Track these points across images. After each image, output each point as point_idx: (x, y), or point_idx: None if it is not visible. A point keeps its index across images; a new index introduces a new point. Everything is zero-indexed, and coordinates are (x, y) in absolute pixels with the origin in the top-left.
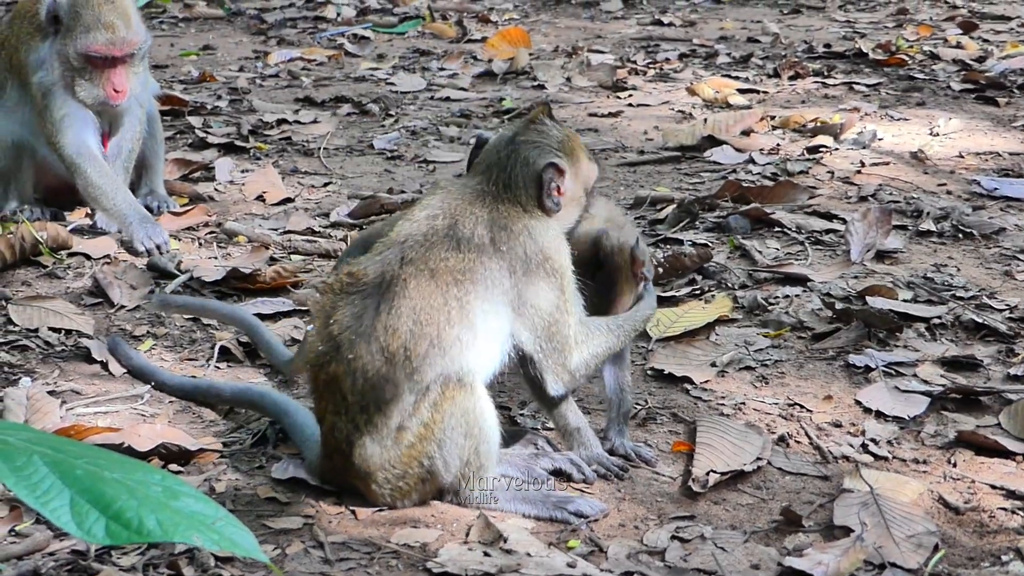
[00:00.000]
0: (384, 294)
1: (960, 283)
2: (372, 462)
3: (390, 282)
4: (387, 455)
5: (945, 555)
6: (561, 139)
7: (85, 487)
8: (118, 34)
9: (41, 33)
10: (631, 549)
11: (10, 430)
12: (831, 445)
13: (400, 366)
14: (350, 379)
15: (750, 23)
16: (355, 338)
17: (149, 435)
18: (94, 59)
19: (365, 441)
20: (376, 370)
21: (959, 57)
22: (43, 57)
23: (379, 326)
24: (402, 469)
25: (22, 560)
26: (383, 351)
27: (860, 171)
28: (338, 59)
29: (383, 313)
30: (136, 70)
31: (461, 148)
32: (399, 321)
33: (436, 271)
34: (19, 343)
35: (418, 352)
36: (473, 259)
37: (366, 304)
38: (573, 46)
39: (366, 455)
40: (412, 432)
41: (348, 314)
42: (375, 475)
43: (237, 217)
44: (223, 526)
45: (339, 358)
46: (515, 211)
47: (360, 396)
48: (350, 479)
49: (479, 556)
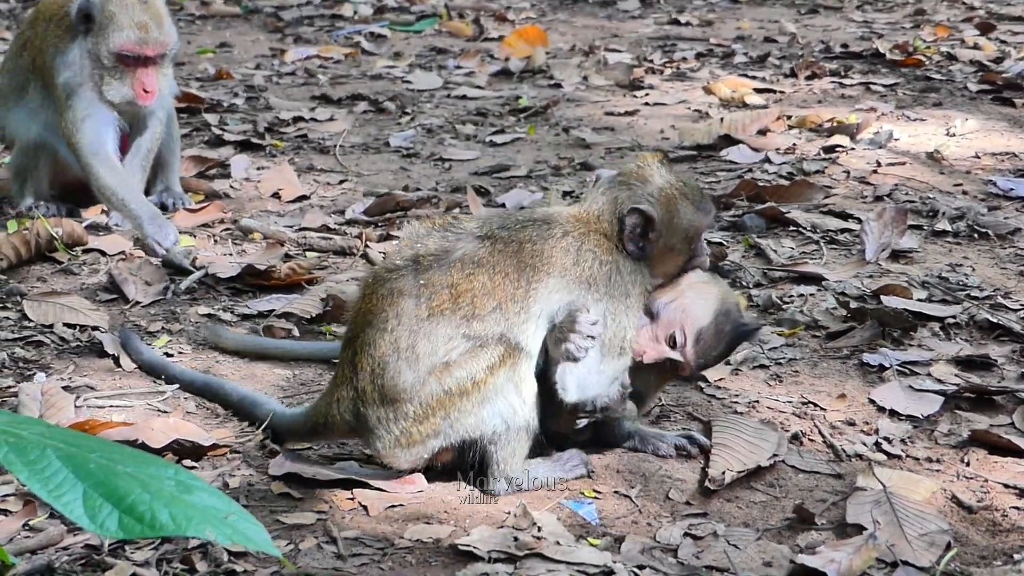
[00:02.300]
0: (473, 245)
1: (975, 283)
2: (400, 388)
3: (484, 236)
4: (419, 388)
5: (957, 554)
6: (662, 186)
7: (98, 481)
8: (151, 34)
9: (70, 33)
10: (644, 545)
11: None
12: (844, 443)
13: (464, 310)
14: (413, 301)
15: (767, 23)
16: (435, 266)
17: (163, 430)
18: (126, 58)
19: (401, 366)
20: (441, 304)
21: (976, 58)
22: (72, 57)
23: (457, 268)
24: (425, 411)
25: (36, 555)
26: (452, 289)
27: (876, 171)
28: (355, 57)
29: (466, 260)
30: (166, 71)
31: (477, 146)
32: (477, 271)
33: (522, 248)
34: (34, 339)
35: (485, 306)
36: (552, 252)
37: (455, 247)
38: (590, 45)
39: (398, 379)
40: (456, 378)
41: (437, 246)
42: (399, 405)
43: (252, 214)
44: (236, 521)
45: (411, 278)
46: (607, 243)
47: (414, 322)
48: (350, 411)
49: (508, 540)
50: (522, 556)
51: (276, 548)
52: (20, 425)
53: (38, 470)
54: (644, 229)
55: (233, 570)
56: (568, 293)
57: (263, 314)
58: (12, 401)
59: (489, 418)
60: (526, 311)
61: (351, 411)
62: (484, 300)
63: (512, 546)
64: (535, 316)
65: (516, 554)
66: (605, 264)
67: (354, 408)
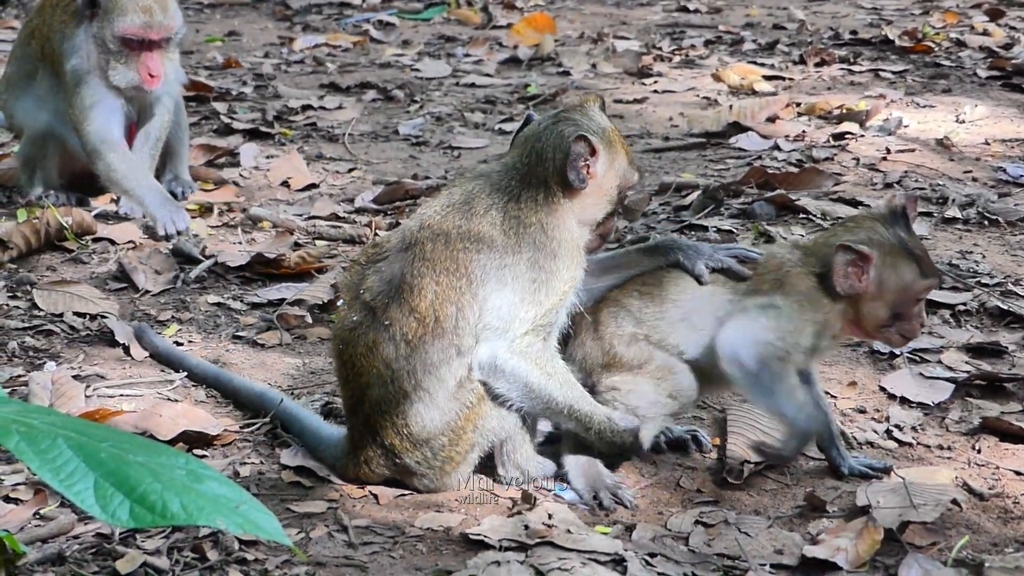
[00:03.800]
0: (402, 261)
1: (985, 270)
2: (431, 428)
3: (407, 247)
4: (446, 417)
5: (969, 541)
6: (604, 127)
7: (109, 470)
8: (155, 18)
9: (76, 18)
10: (655, 533)
11: (35, 413)
12: (856, 431)
13: (433, 327)
14: (391, 346)
15: (776, 9)
16: (388, 301)
17: (172, 417)
18: (131, 42)
19: (419, 409)
20: (414, 332)
21: (985, 44)
22: (78, 43)
23: (406, 292)
24: (457, 434)
25: (47, 543)
26: (414, 313)
27: (886, 158)
28: (363, 45)
29: (407, 280)
30: (172, 56)
31: (486, 134)
32: (423, 284)
33: (450, 237)
34: (44, 327)
35: (446, 314)
36: (485, 232)
37: (391, 273)
38: (598, 32)
39: (424, 422)
40: (468, 390)
41: (377, 281)
42: (432, 442)
43: (262, 202)
44: (247, 510)
45: (376, 325)
46: (533, 202)
47: (405, 361)
48: (385, 466)
49: (519, 529)
50: (533, 544)
51: (287, 537)
52: (31, 415)
53: (49, 459)
54: (587, 161)
55: (244, 558)
56: (500, 265)
57: (273, 303)
58: (22, 390)
59: (508, 413)
60: (477, 301)
61: (386, 466)
62: (444, 308)
63: (523, 534)
64: (482, 301)
65: (527, 542)
66: (531, 227)
67: (389, 462)
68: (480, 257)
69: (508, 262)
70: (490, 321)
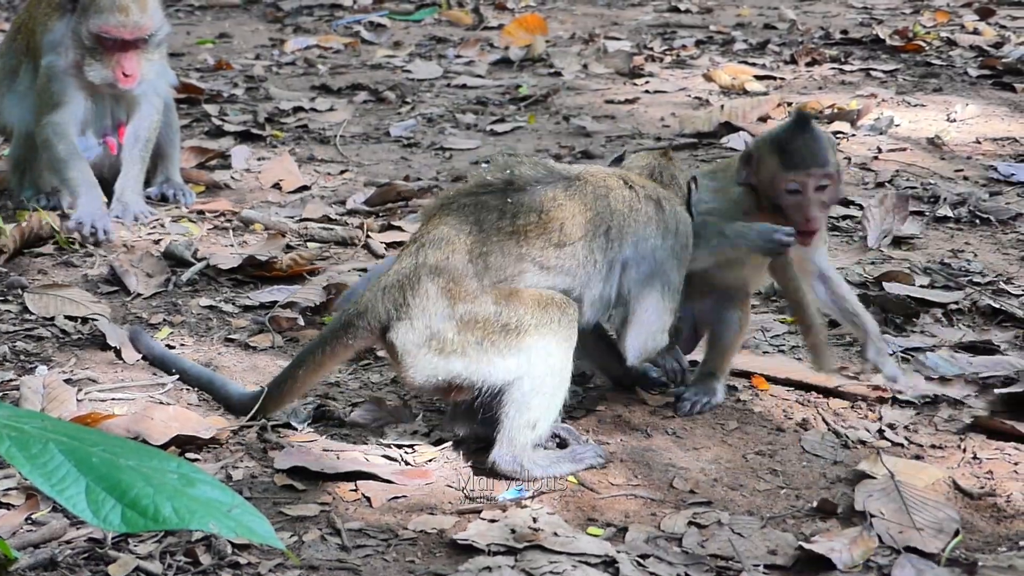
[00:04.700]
0: (564, 183)
1: (977, 268)
2: (458, 286)
3: (575, 177)
4: (475, 296)
5: (963, 540)
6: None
7: (101, 475)
8: (131, 17)
9: (59, 12)
10: (648, 534)
11: (26, 418)
12: (848, 430)
13: (549, 236)
14: (497, 215)
15: (767, 9)
16: (527, 189)
17: (164, 420)
18: (105, 40)
19: (468, 268)
20: (527, 225)
21: (976, 43)
22: (58, 37)
23: (549, 197)
24: (468, 322)
25: (39, 548)
26: (542, 214)
27: (877, 157)
28: (354, 47)
29: (559, 192)
30: (150, 56)
31: (478, 135)
32: (568, 202)
33: (609, 195)
34: (35, 331)
35: (573, 235)
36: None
37: (548, 178)
38: (590, 33)
39: (460, 278)
40: (511, 308)
41: (531, 173)
42: (449, 302)
43: (253, 205)
44: (240, 513)
45: (500, 197)
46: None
47: (495, 233)
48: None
49: (505, 533)
50: (522, 548)
51: (280, 540)
52: (22, 419)
53: (40, 464)
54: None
55: (237, 562)
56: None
57: (265, 305)
58: (14, 394)
59: (516, 369)
60: (604, 256)
61: (396, 299)
62: (572, 229)
63: (510, 538)
64: (606, 264)
65: (515, 546)
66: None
67: (401, 296)
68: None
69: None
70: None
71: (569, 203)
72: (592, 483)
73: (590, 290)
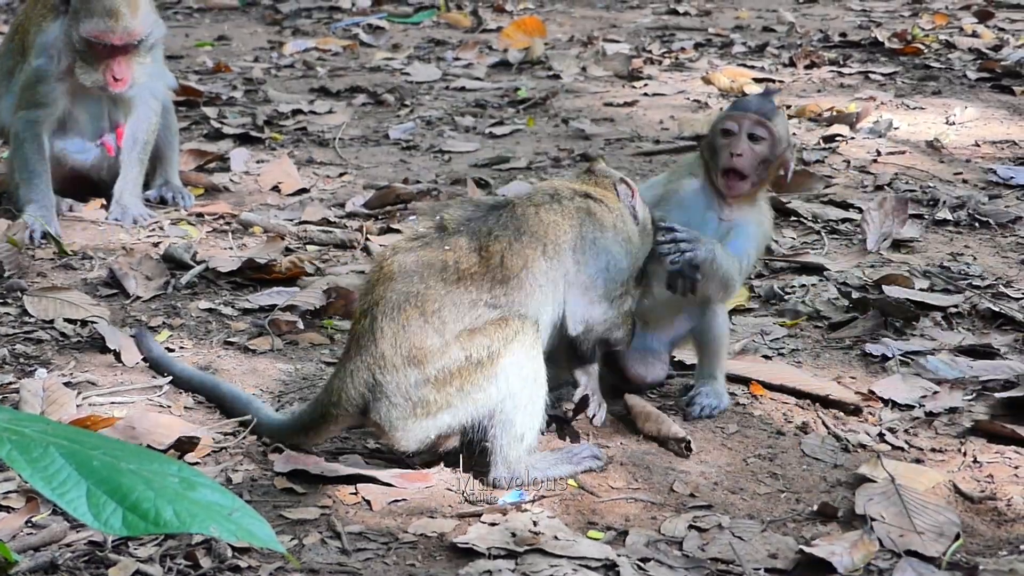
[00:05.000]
0: (493, 216)
1: (976, 272)
2: (425, 349)
3: (500, 205)
4: (443, 352)
5: (963, 544)
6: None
7: (102, 478)
8: (121, 23)
9: (53, 13)
10: (649, 538)
11: (26, 421)
12: (848, 434)
13: (492, 273)
14: (440, 266)
15: (765, 12)
16: (461, 230)
17: (164, 424)
18: (95, 45)
19: (427, 329)
20: (470, 268)
21: (975, 46)
22: (50, 39)
23: (483, 232)
24: (445, 378)
25: (39, 551)
26: (481, 252)
27: (876, 160)
28: (353, 49)
29: (490, 226)
30: (142, 60)
31: (476, 138)
32: (502, 233)
33: (537, 215)
34: (35, 334)
35: (514, 267)
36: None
37: (476, 215)
38: (588, 35)
39: (424, 340)
40: (476, 345)
41: (460, 213)
42: (422, 367)
43: (252, 207)
44: (240, 517)
45: (438, 244)
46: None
47: (441, 286)
48: (364, 384)
49: (506, 536)
50: (522, 552)
51: (280, 544)
52: (23, 423)
53: (41, 468)
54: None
55: (237, 566)
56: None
57: (264, 308)
58: (13, 397)
59: (497, 394)
60: (547, 278)
61: (367, 381)
62: (512, 261)
63: (511, 542)
64: (551, 284)
65: (516, 550)
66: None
67: (371, 377)
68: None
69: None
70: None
71: (503, 233)
72: (592, 486)
73: (543, 315)
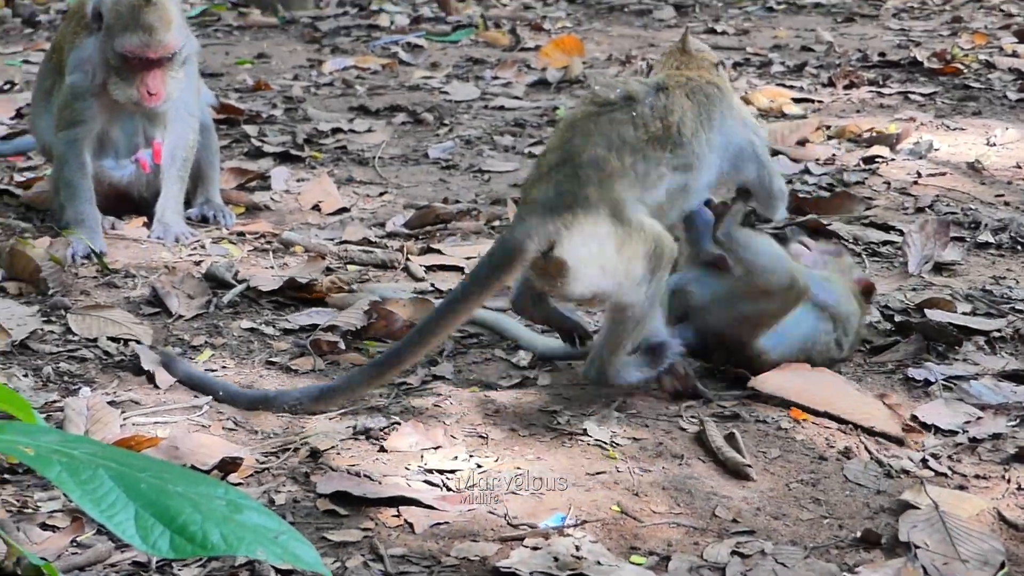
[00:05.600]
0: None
1: (1019, 295)
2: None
3: (658, 87)
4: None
5: (1008, 573)
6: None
7: (150, 501)
8: (155, 37)
9: (86, 30)
10: (691, 563)
11: (74, 443)
12: (891, 459)
13: (672, 138)
14: (630, 127)
15: (803, 31)
16: (643, 100)
17: (207, 445)
18: (129, 60)
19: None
20: (656, 131)
21: (1015, 66)
22: (84, 55)
23: (660, 103)
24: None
25: (84, 571)
26: (663, 119)
27: (917, 182)
28: (392, 68)
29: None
30: (175, 74)
31: (516, 157)
32: (675, 103)
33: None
34: (78, 352)
35: (687, 130)
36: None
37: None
38: (627, 54)
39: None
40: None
41: (637, 88)
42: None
43: (293, 226)
44: (286, 540)
45: (625, 111)
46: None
47: (634, 143)
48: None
49: (548, 561)
50: None
51: (325, 567)
52: (71, 445)
53: (91, 490)
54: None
55: None
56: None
57: (305, 328)
58: (58, 415)
59: (646, 295)
60: (708, 148)
61: (564, 214)
62: (685, 129)
63: (553, 567)
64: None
65: (558, 575)
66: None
67: (571, 212)
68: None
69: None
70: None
71: (675, 106)
72: (634, 511)
73: (699, 181)
